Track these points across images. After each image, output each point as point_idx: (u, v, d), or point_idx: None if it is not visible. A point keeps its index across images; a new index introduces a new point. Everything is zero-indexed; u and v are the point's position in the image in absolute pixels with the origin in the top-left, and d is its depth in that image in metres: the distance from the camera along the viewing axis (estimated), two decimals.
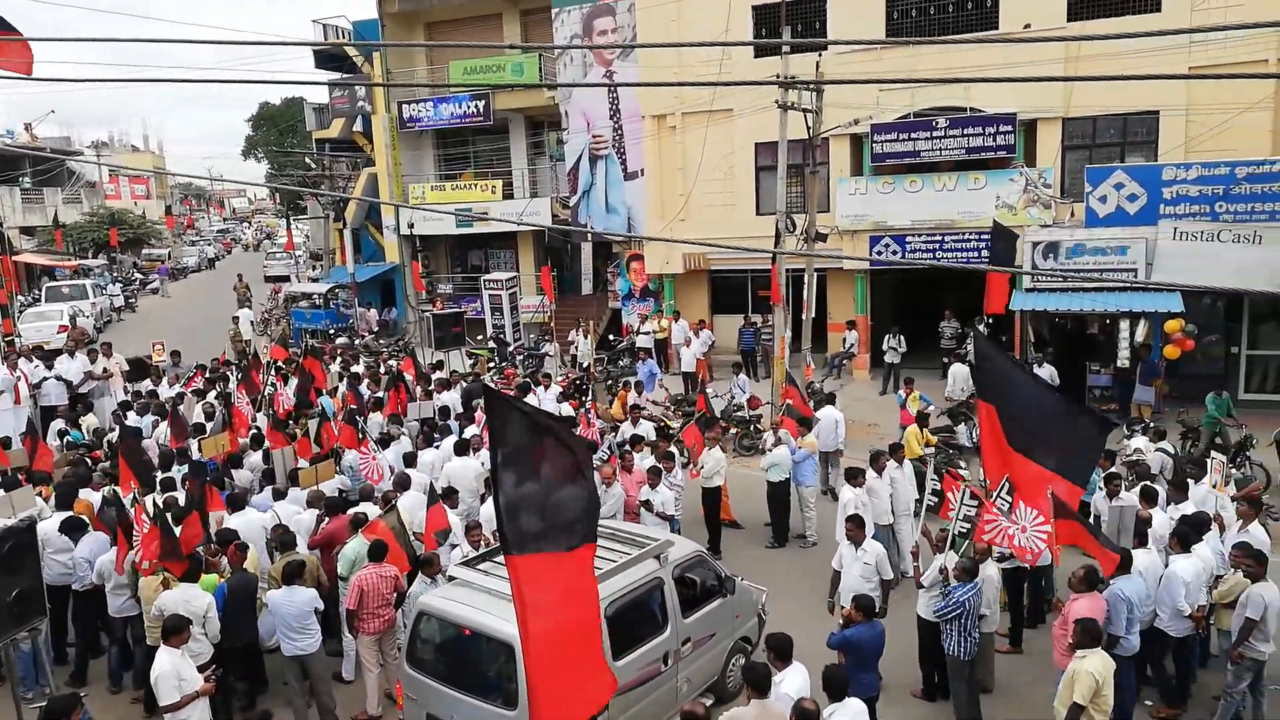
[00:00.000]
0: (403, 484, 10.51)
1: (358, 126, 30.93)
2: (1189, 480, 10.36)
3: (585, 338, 21.67)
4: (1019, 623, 9.75)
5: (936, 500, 9.99)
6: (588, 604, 5.26)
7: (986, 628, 8.58)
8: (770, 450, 12.23)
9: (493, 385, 18.13)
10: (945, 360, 20.24)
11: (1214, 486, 10.45)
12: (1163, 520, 9.32)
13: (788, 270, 20.04)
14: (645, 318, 24.11)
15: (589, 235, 26.30)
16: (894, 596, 9.33)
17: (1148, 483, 10.11)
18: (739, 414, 16.66)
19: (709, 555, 9.14)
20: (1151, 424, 13.84)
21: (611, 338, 24.79)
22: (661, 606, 7.92)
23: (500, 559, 5.87)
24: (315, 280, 36.64)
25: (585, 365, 21.02)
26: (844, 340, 21.61)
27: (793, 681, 6.69)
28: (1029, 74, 17.75)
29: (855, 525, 9.02)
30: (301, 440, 12.55)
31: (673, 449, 12.07)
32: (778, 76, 16.87)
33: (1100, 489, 10.16)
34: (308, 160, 39.85)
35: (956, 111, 20.06)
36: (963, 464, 13.52)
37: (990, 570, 8.54)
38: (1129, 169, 17.64)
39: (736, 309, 23.90)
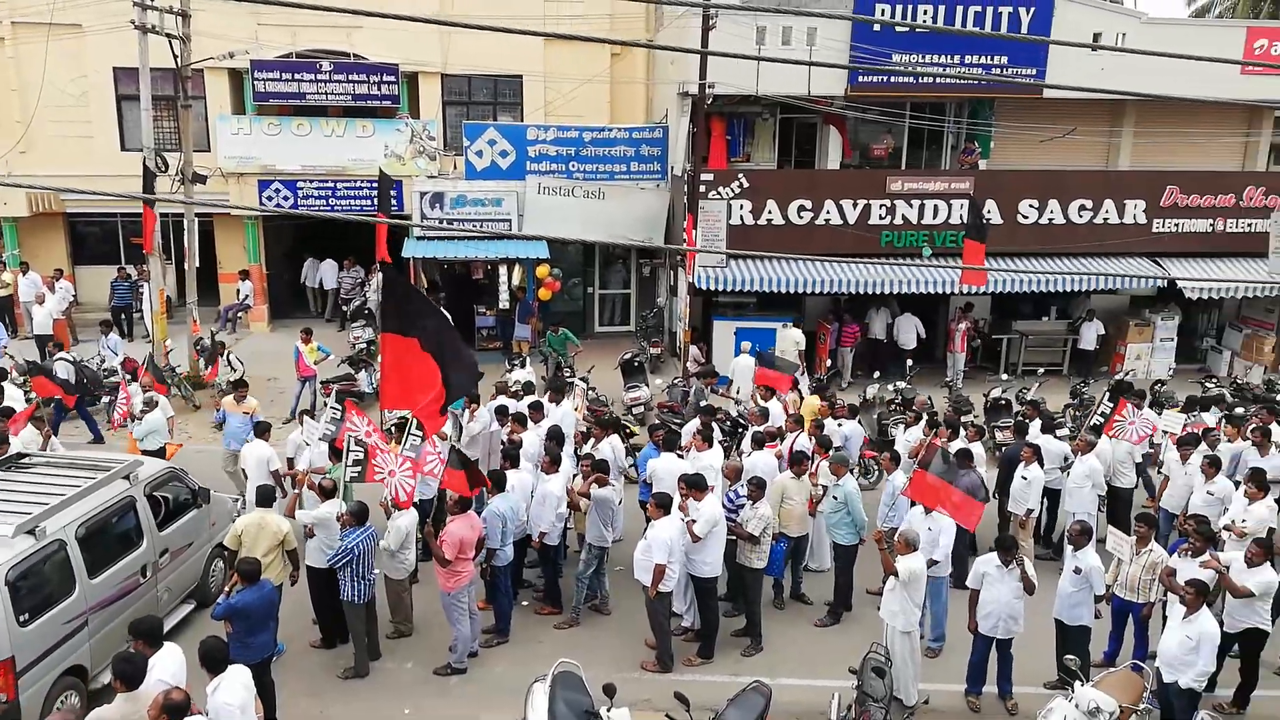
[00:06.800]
0: None
1: None
2: (553, 404, 11.94)
3: None
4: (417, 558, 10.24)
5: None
6: None
7: (399, 575, 8.81)
8: (142, 418, 11.01)
9: None
10: (344, 309, 20.28)
11: (575, 409, 12.31)
12: (532, 440, 10.59)
13: (166, 215, 18.03)
14: None
15: None
16: None
17: (523, 410, 11.35)
18: (111, 379, 14.62)
19: (181, 471, 9.42)
20: (528, 357, 15.69)
21: None
22: (136, 523, 8.41)
23: None
24: None
25: None
26: (238, 291, 20.24)
27: (165, 666, 6.17)
28: (406, 24, 18.19)
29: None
30: None
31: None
32: None
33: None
34: None
35: (341, 56, 19.83)
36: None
37: (403, 520, 8.59)
38: (500, 127, 19.32)
39: (107, 259, 20.83)
